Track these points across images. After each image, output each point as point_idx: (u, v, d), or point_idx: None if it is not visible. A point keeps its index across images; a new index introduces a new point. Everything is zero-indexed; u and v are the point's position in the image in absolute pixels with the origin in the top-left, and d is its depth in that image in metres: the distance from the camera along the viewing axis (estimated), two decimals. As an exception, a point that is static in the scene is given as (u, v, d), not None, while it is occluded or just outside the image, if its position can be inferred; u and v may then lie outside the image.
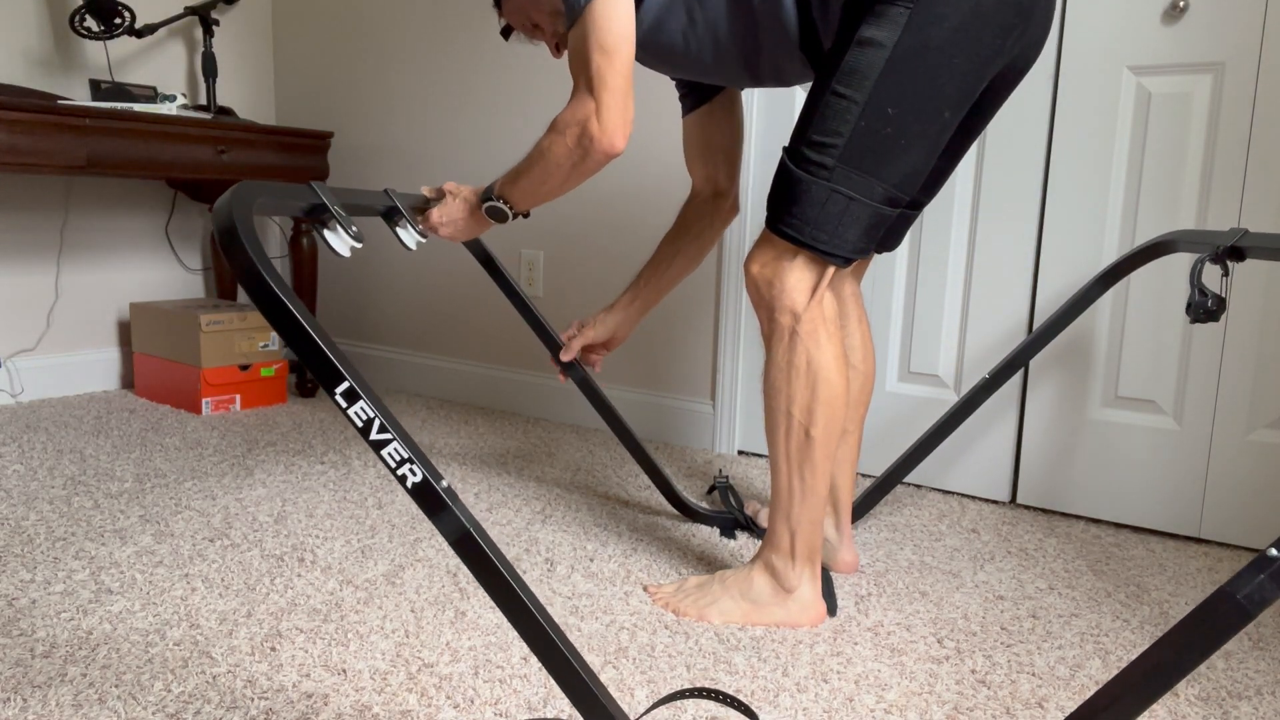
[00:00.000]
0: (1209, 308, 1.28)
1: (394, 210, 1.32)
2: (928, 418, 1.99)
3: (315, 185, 1.05)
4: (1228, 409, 1.70)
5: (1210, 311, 1.28)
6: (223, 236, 0.86)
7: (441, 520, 0.85)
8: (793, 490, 1.30)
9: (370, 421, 0.85)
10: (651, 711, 1.05)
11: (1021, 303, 1.87)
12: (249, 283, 0.84)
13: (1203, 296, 1.29)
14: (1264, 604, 0.77)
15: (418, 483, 0.84)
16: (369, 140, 2.85)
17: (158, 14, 2.64)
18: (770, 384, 1.30)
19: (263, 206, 0.96)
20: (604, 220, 2.38)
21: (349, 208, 1.14)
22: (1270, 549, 0.77)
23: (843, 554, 1.51)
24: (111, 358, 2.75)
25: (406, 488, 0.85)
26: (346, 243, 1.05)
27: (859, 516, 1.71)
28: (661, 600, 1.38)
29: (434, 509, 0.85)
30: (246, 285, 0.84)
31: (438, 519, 0.85)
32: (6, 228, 2.50)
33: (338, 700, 1.10)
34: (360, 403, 0.84)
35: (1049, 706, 1.14)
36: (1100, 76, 1.74)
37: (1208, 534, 1.73)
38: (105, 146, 2.20)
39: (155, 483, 1.87)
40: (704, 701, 1.10)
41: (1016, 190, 1.85)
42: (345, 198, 1.15)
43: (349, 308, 2.99)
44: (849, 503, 1.53)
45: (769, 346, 1.30)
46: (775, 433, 1.31)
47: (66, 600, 1.34)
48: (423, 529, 1.66)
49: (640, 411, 2.34)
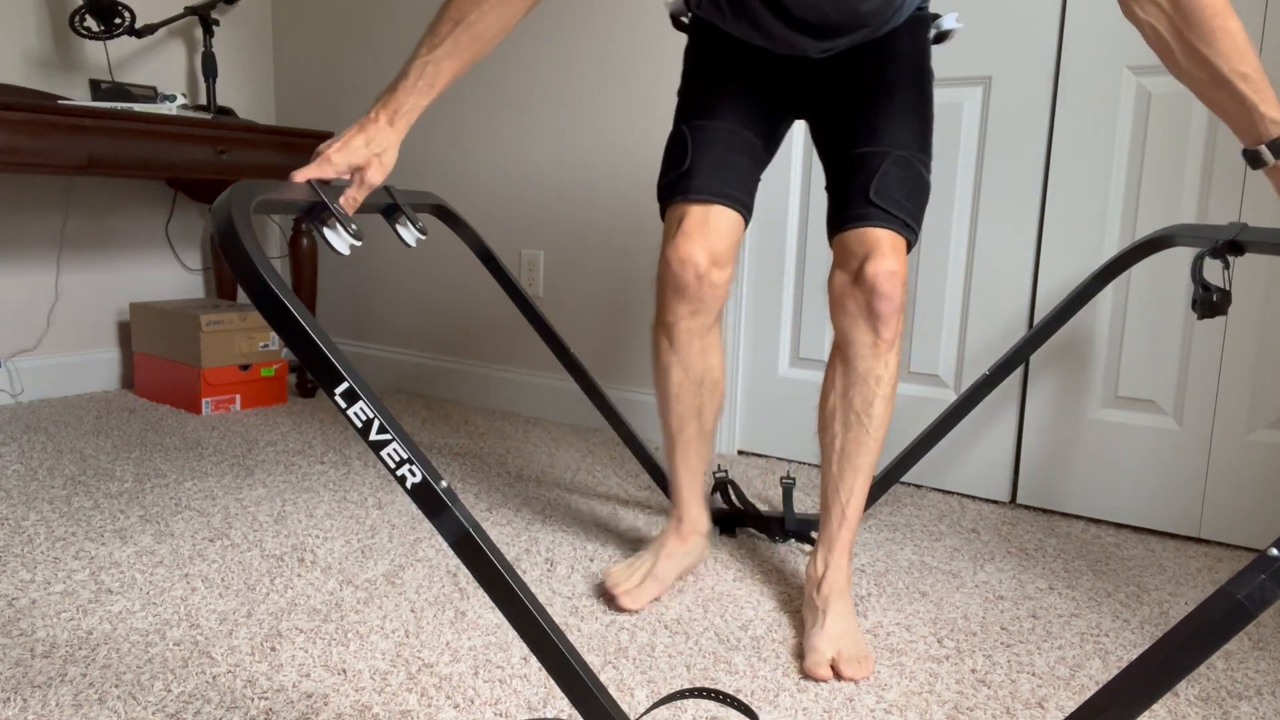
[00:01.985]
0: (1214, 302, 1.25)
1: (393, 207, 1.32)
2: (927, 417, 1.98)
3: (314, 183, 1.05)
4: (1228, 409, 1.69)
5: (1215, 305, 1.25)
6: (222, 237, 0.85)
7: (441, 521, 0.84)
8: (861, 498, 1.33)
9: (370, 422, 0.84)
10: (651, 712, 1.05)
11: (1021, 303, 1.87)
12: (248, 283, 0.83)
13: (1206, 292, 1.26)
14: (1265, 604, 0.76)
15: (417, 483, 0.84)
16: (369, 140, 2.84)
17: (158, 14, 2.64)
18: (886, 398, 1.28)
19: (262, 206, 0.95)
20: (604, 220, 2.38)
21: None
22: (1271, 549, 0.77)
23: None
24: (111, 358, 2.75)
25: (406, 488, 0.84)
26: (346, 241, 1.05)
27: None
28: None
29: (434, 510, 0.84)
30: (246, 286, 0.83)
31: (437, 520, 0.84)
32: (6, 228, 2.50)
33: (338, 700, 1.10)
34: (360, 403, 0.84)
35: (1049, 706, 1.14)
36: (1100, 76, 1.74)
37: (1208, 534, 1.73)
38: (105, 146, 2.20)
39: (155, 483, 1.87)
40: (704, 701, 1.10)
41: (1016, 190, 1.85)
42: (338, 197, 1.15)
43: (349, 308, 2.99)
44: None
45: (886, 357, 1.26)
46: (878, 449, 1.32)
47: (66, 600, 1.34)
48: (423, 529, 1.66)
49: (640, 411, 2.34)
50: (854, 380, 1.27)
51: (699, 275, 1.26)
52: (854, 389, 1.28)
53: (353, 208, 1.09)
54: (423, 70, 1.08)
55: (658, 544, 1.44)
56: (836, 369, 1.31)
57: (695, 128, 1.32)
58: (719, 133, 1.31)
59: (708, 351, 1.36)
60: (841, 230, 1.27)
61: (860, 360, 1.26)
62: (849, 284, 1.25)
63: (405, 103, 1.08)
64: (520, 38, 2.49)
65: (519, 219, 2.56)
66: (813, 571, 1.33)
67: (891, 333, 1.24)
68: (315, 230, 1.06)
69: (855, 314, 1.25)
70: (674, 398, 1.38)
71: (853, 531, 1.33)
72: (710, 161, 1.29)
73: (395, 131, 1.08)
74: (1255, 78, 1.01)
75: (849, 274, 1.26)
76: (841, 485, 1.31)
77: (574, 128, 2.42)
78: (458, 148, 2.66)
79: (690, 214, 1.27)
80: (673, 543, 1.43)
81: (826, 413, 1.33)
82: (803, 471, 2.09)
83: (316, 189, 1.03)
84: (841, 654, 1.19)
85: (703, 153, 1.30)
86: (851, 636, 1.23)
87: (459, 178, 2.66)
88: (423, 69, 1.08)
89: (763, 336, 2.19)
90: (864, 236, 1.24)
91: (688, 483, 1.45)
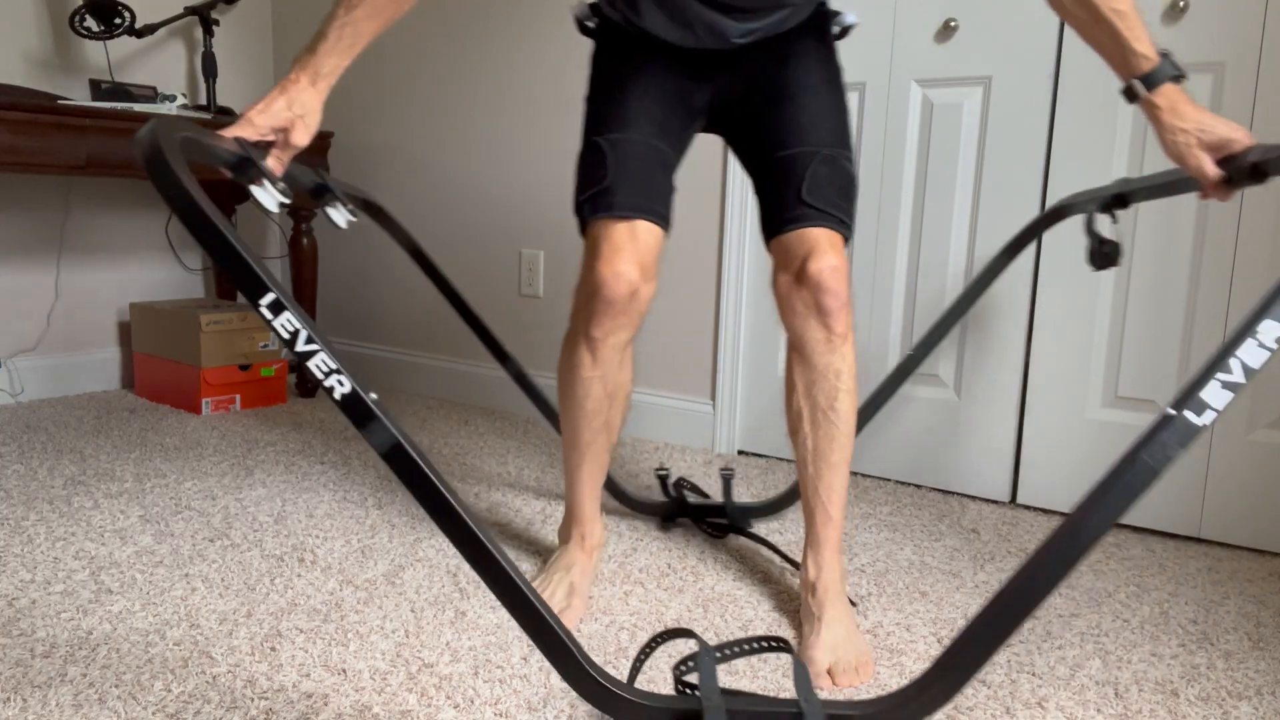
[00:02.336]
0: (1106, 253, 1.36)
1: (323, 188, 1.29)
2: (928, 417, 1.99)
3: (241, 140, 1.04)
4: (1228, 409, 1.69)
5: (1107, 256, 1.36)
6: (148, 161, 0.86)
7: (370, 431, 0.85)
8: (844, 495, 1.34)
9: (296, 333, 0.86)
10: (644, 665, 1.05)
11: (1021, 303, 1.87)
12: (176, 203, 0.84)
13: (1100, 245, 1.37)
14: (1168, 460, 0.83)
15: (346, 393, 0.85)
16: (369, 140, 2.85)
17: (158, 14, 2.64)
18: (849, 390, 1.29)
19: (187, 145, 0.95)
20: (604, 220, 2.37)
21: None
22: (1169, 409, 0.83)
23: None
24: (111, 358, 2.75)
25: (335, 399, 0.85)
26: (275, 198, 1.05)
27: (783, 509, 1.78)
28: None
29: (362, 420, 0.85)
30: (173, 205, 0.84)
31: (366, 429, 0.85)
32: (6, 228, 2.50)
33: (338, 700, 1.10)
34: (286, 314, 0.85)
35: (1049, 706, 1.14)
36: (1100, 76, 1.74)
37: (1208, 534, 1.73)
38: (105, 146, 2.20)
39: (155, 483, 1.87)
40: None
41: (1016, 191, 1.85)
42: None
43: (349, 308, 2.99)
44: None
45: (842, 350, 1.28)
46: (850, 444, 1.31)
47: (66, 600, 1.34)
48: (423, 529, 1.66)
49: (640, 411, 2.34)
50: (814, 378, 1.29)
51: (632, 291, 1.24)
52: (816, 386, 1.29)
53: (280, 169, 1.09)
54: (341, 31, 1.07)
55: (564, 562, 1.40)
56: (796, 369, 1.31)
57: (612, 141, 1.29)
58: (636, 146, 1.29)
59: (625, 365, 1.34)
60: (779, 233, 1.28)
61: (817, 356, 1.28)
62: (793, 284, 1.26)
63: (325, 64, 1.08)
64: (521, 39, 2.49)
65: (519, 219, 2.56)
66: (806, 577, 1.32)
67: (843, 326, 1.26)
68: (245, 188, 1.06)
69: (804, 312, 1.26)
70: (591, 413, 1.34)
71: (839, 529, 1.32)
72: (630, 176, 1.27)
73: (317, 93, 1.08)
74: (1130, 15, 1.07)
75: (791, 274, 1.26)
76: (820, 484, 1.31)
77: (574, 129, 2.42)
78: (458, 149, 2.66)
79: (617, 230, 1.25)
80: (582, 558, 1.41)
81: (794, 414, 1.33)
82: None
83: (243, 145, 1.03)
84: (838, 663, 1.19)
85: (622, 168, 1.27)
86: (849, 642, 1.23)
87: (460, 178, 2.66)
88: (341, 30, 1.07)
89: (763, 337, 2.19)
90: (803, 237, 1.25)
91: (591, 497, 1.43)
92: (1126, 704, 1.15)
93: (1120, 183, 1.35)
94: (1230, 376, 0.83)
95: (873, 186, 2.00)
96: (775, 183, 1.29)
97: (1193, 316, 1.71)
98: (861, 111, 2.00)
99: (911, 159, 1.96)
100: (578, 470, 1.41)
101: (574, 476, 1.42)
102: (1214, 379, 0.83)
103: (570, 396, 1.35)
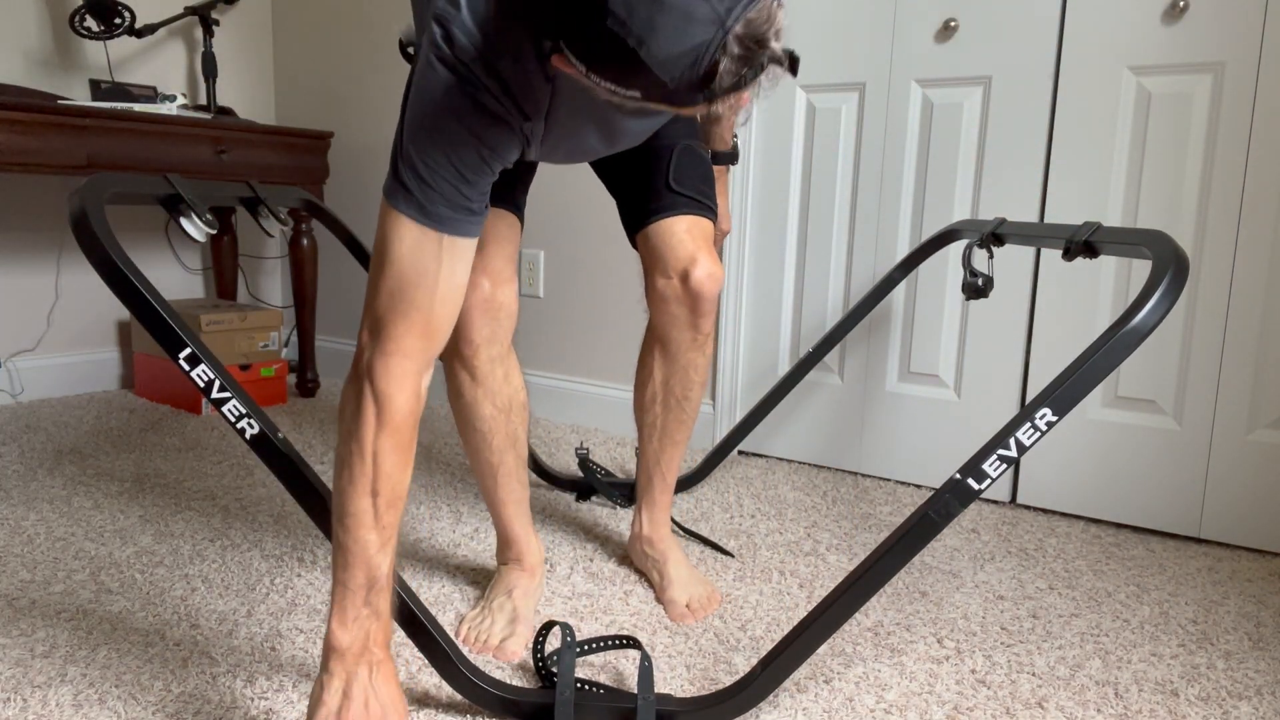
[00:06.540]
0: (978, 286, 1.50)
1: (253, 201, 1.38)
2: (929, 417, 1.99)
3: (170, 177, 1.15)
4: (1228, 409, 1.70)
5: (979, 289, 1.50)
6: (75, 225, 0.98)
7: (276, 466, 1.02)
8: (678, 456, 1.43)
9: (211, 382, 0.98)
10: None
11: (1020, 303, 1.87)
12: (100, 265, 0.97)
13: (973, 277, 1.50)
14: (949, 517, 0.98)
15: (255, 434, 1.00)
16: (369, 140, 2.85)
17: (158, 14, 2.64)
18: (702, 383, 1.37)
19: (118, 197, 1.06)
20: (604, 220, 2.37)
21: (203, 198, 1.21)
22: (956, 474, 0.98)
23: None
24: (111, 358, 2.75)
25: (246, 439, 1.00)
26: (202, 230, 1.16)
27: (696, 484, 1.97)
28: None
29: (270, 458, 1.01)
30: (98, 267, 0.97)
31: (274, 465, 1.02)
32: (6, 228, 2.50)
33: (338, 700, 1.10)
34: (201, 366, 0.98)
35: (1049, 706, 1.14)
36: (1100, 76, 1.74)
37: (1208, 534, 1.73)
38: (105, 146, 2.20)
39: (155, 483, 1.87)
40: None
41: (1016, 191, 1.85)
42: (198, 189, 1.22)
43: (349, 308, 2.99)
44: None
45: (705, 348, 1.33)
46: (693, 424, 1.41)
47: (66, 600, 1.34)
48: (423, 529, 1.66)
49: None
50: (674, 371, 1.34)
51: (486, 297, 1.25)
52: (674, 379, 1.35)
53: None
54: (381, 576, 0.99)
55: (504, 585, 1.34)
56: (656, 359, 1.35)
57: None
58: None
59: (510, 375, 1.30)
60: (649, 222, 1.28)
61: (681, 354, 1.33)
62: (674, 290, 1.27)
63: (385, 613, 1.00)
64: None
65: (519, 219, 2.55)
66: (640, 531, 1.46)
67: (709, 327, 1.30)
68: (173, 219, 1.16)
69: (678, 315, 1.29)
70: (489, 433, 1.28)
71: (670, 494, 1.46)
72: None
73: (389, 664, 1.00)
74: None
75: (672, 279, 1.26)
76: (663, 458, 1.42)
77: (574, 128, 2.41)
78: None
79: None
80: (523, 579, 1.35)
81: (646, 398, 1.39)
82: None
83: (171, 181, 1.14)
84: (693, 599, 1.36)
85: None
86: (695, 579, 1.41)
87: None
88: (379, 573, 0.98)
89: (762, 337, 2.19)
90: (674, 226, 1.26)
91: (518, 516, 1.37)
92: (1126, 704, 1.15)
93: (997, 222, 1.51)
94: (1008, 452, 0.99)
95: (873, 186, 2.00)
96: (639, 175, 1.29)
97: (1192, 317, 1.71)
98: (861, 111, 2.00)
99: (911, 159, 1.96)
100: (494, 493, 1.34)
101: (491, 500, 1.36)
102: (995, 454, 0.98)
103: (461, 419, 1.30)
